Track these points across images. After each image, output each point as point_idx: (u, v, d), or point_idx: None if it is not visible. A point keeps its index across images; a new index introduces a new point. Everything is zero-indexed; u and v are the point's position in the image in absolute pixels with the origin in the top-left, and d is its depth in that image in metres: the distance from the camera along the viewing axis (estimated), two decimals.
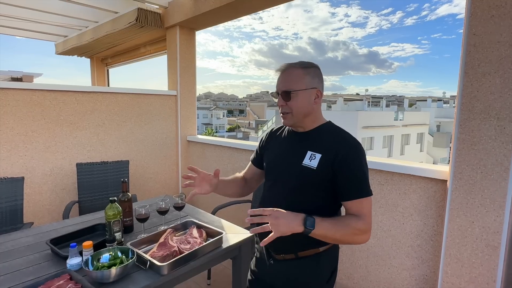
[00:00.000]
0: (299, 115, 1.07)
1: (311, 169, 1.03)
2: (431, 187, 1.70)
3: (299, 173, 1.05)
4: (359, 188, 1.01)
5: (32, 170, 2.48)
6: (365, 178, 1.02)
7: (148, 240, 1.46)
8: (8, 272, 1.25)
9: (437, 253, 1.70)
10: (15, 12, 3.40)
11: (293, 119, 1.08)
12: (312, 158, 1.04)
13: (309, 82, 1.05)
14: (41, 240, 1.53)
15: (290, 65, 1.08)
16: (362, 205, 1.01)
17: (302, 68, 1.06)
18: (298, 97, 1.05)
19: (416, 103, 40.93)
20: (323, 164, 1.02)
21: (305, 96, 1.05)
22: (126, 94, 3.02)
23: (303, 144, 1.10)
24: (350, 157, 1.01)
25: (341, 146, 1.03)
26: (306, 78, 1.05)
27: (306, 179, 1.04)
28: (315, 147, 1.06)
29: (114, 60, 5.18)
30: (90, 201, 2.53)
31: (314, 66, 1.09)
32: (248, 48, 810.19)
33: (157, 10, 3.31)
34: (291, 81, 1.05)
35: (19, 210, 2.06)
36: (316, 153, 1.04)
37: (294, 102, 1.05)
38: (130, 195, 1.64)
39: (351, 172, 1.01)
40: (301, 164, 1.05)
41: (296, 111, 1.06)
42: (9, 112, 2.35)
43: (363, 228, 1.00)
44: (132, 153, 3.10)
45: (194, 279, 2.38)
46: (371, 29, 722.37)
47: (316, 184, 1.04)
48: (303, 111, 1.07)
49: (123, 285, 1.15)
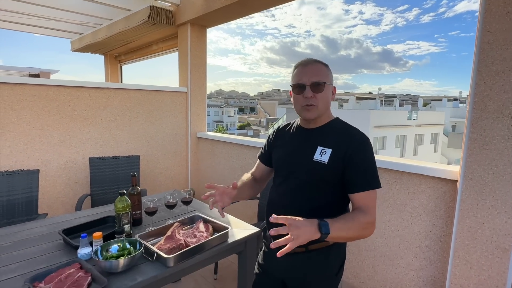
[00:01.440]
0: (323, 108, 1.09)
1: (322, 164, 1.04)
2: (441, 187, 1.67)
3: (311, 169, 1.06)
4: (367, 180, 1.03)
5: (47, 163, 2.56)
6: (373, 171, 1.04)
7: (156, 233, 1.49)
8: (22, 260, 1.30)
9: (446, 254, 1.68)
10: (33, 10, 3.50)
11: (318, 111, 1.08)
12: (323, 153, 1.05)
13: (331, 78, 1.11)
14: (54, 230, 1.58)
15: (315, 60, 1.12)
16: (369, 197, 1.03)
17: (324, 65, 1.11)
18: (326, 90, 1.08)
19: (431, 102, 39.99)
20: (333, 159, 1.03)
21: (329, 90, 1.10)
22: (138, 91, 3.08)
23: (313, 139, 1.11)
24: (359, 151, 1.03)
25: (350, 141, 1.05)
26: (329, 74, 1.11)
27: (317, 174, 1.05)
28: (325, 142, 1.07)
29: (127, 57, 5.27)
30: (102, 194, 2.60)
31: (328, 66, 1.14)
32: (260, 45, 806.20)
33: (169, 8, 3.35)
34: (320, 74, 1.08)
35: (34, 201, 2.13)
36: (327, 148, 1.06)
37: (324, 94, 1.07)
38: (139, 188, 1.67)
39: (359, 165, 1.03)
40: (312, 160, 1.06)
41: (321, 104, 1.08)
42: (26, 107, 2.43)
43: (370, 221, 1.01)
44: (143, 148, 3.16)
45: (201, 273, 2.42)
46: (385, 26, 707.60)
47: (327, 179, 1.05)
48: (326, 105, 1.10)
49: (130, 275, 1.19)
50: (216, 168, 3.38)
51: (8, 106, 2.34)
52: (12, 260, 1.30)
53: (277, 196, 1.17)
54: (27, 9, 3.45)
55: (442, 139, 23.77)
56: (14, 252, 1.37)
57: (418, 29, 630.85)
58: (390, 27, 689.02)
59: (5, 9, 3.42)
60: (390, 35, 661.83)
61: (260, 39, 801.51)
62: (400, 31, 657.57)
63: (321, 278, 1.11)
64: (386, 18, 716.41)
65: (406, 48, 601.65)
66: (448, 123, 26.74)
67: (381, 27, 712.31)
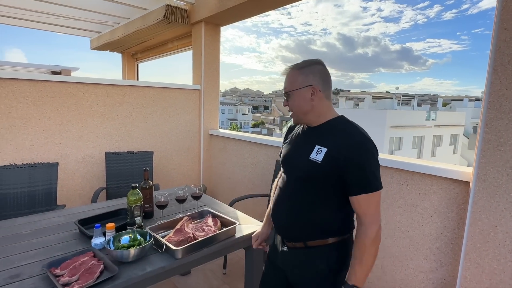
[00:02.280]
0: (299, 113, 1.13)
1: (316, 162, 1.05)
2: (453, 188, 1.64)
3: (306, 166, 1.08)
4: (365, 183, 1.01)
5: (66, 157, 2.67)
6: (373, 173, 1.02)
7: (166, 226, 1.54)
8: (41, 247, 1.38)
9: (457, 257, 1.64)
10: (56, 10, 3.65)
11: (296, 117, 1.15)
12: (319, 152, 1.06)
13: (302, 81, 1.09)
14: (70, 221, 1.66)
15: (288, 67, 1.14)
16: (368, 201, 1.02)
17: (296, 69, 1.11)
18: (294, 97, 1.11)
19: (451, 102, 38.70)
20: (327, 158, 1.03)
21: (300, 95, 1.09)
22: (152, 88, 3.15)
23: (312, 138, 1.12)
24: (355, 153, 1.01)
25: (348, 141, 1.03)
26: (299, 78, 1.09)
27: (312, 173, 1.07)
28: (322, 141, 1.08)
29: (143, 55, 5.39)
30: (116, 188, 2.69)
31: (313, 64, 1.11)
32: (275, 44, 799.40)
33: (184, 7, 3.41)
34: (288, 82, 1.12)
35: (53, 193, 2.23)
36: (323, 147, 1.06)
37: (292, 102, 1.12)
38: (151, 182, 1.73)
39: (356, 167, 1.01)
40: (308, 158, 1.08)
41: (296, 110, 1.12)
42: (47, 103, 2.54)
43: (372, 235, 1.03)
44: (157, 144, 3.24)
45: (210, 267, 2.47)
46: (405, 24, 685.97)
47: (320, 177, 1.06)
48: (302, 110, 1.11)
49: (140, 265, 1.23)
50: (228, 165, 3.42)
51: (30, 102, 2.46)
52: (31, 247, 1.38)
53: (279, 191, 1.21)
54: (50, 8, 3.59)
55: (462, 141, 22.97)
56: (34, 240, 1.45)
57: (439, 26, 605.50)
58: (409, 24, 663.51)
59: (30, 9, 3.57)
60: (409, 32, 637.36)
61: (276, 37, 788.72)
62: (420, 28, 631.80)
63: (319, 275, 1.12)
64: (405, 15, 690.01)
65: (426, 46, 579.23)
66: (469, 124, 25.81)
67: (400, 25, 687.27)
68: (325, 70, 1.12)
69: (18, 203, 2.10)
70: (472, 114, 26.90)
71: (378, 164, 1.05)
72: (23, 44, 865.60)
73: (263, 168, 2.93)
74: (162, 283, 2.23)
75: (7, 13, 3.75)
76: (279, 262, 1.24)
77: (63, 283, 1.08)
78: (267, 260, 1.33)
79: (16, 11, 3.63)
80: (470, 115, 26.59)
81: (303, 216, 1.11)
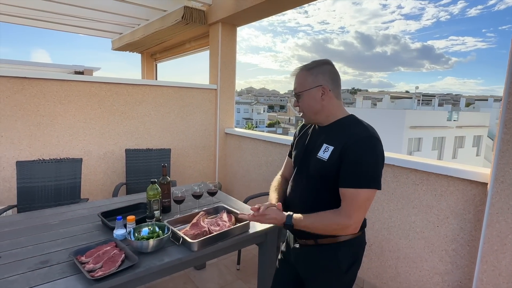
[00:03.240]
0: (309, 113, 1.16)
1: (323, 160, 1.08)
2: (470, 189, 1.61)
3: (314, 165, 1.11)
4: (355, 177, 1.01)
5: (89, 153, 2.81)
6: (365, 169, 1.01)
7: (183, 220, 1.60)
8: (67, 236, 1.47)
9: (473, 259, 1.62)
10: (79, 12, 3.82)
11: (306, 117, 1.18)
12: (326, 151, 1.08)
13: (312, 81, 1.11)
14: (93, 213, 1.76)
15: (297, 68, 1.16)
16: (354, 196, 1.01)
17: (306, 70, 1.13)
18: (304, 98, 1.13)
19: (475, 102, 37.20)
20: (333, 156, 1.06)
21: (310, 95, 1.12)
22: (170, 87, 3.25)
23: (321, 137, 1.15)
24: (354, 147, 1.02)
25: (349, 137, 1.04)
26: (309, 78, 1.11)
27: (318, 170, 1.10)
28: (330, 140, 1.10)
29: (162, 56, 5.53)
30: (135, 183, 2.79)
31: (322, 64, 1.13)
32: (292, 43, 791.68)
33: (201, 8, 3.48)
34: (297, 83, 1.15)
35: (78, 187, 2.35)
36: (330, 145, 1.08)
37: (302, 103, 1.15)
38: (169, 178, 1.80)
39: (349, 160, 1.02)
40: (316, 156, 1.11)
41: (306, 110, 1.16)
42: (72, 101, 2.67)
43: (343, 223, 1.03)
44: (174, 142, 3.33)
45: (224, 263, 2.53)
46: (426, 21, 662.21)
47: (326, 175, 1.08)
48: (312, 110, 1.14)
49: (158, 256, 1.30)
50: (243, 164, 3.47)
51: (57, 100, 2.60)
52: (59, 236, 1.48)
53: (290, 189, 1.25)
54: (73, 11, 3.76)
55: (486, 142, 22.06)
56: (61, 230, 1.54)
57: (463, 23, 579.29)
58: (431, 22, 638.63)
59: (55, 12, 3.75)
60: (431, 30, 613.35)
61: (292, 36, 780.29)
62: (442, 26, 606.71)
63: (329, 273, 1.14)
64: (427, 12, 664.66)
65: (449, 44, 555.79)
66: (493, 125, 24.68)
67: (421, 22, 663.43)
68: (334, 69, 1.14)
69: (46, 195, 2.23)
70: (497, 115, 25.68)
71: (378, 162, 1.03)
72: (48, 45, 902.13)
73: (277, 167, 2.95)
74: (178, 275, 2.31)
75: (34, 16, 3.96)
76: (291, 258, 1.26)
77: (88, 269, 1.15)
78: (280, 256, 1.37)
79: (42, 13, 3.83)
80: (495, 115, 25.46)
81: (310, 212, 1.13)
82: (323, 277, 1.16)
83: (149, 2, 3.46)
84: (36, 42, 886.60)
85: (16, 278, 1.12)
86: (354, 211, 1.02)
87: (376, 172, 1.02)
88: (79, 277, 1.14)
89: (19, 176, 2.15)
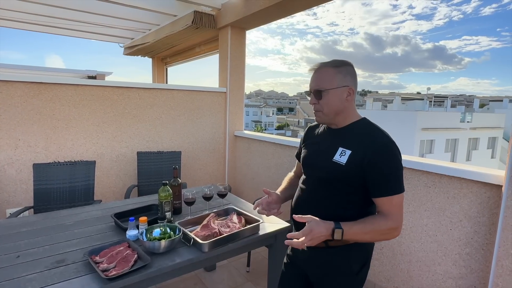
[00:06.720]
0: (330, 113, 1.11)
1: (340, 165, 1.07)
2: (484, 192, 1.58)
3: (330, 168, 1.10)
4: (388, 185, 1.03)
5: (102, 156, 2.87)
6: (395, 176, 1.04)
7: (193, 222, 1.62)
8: (82, 237, 1.51)
9: (488, 263, 1.58)
10: (91, 19, 3.92)
11: (324, 117, 1.13)
12: (342, 155, 1.07)
13: (340, 80, 1.08)
14: (107, 214, 1.80)
15: (322, 64, 1.12)
16: (393, 202, 1.03)
17: (333, 67, 1.09)
18: (329, 96, 1.09)
19: (489, 103, 36.32)
20: (351, 161, 1.05)
21: (337, 94, 1.08)
22: (181, 91, 3.30)
23: (335, 140, 1.13)
24: (379, 156, 1.03)
25: (370, 145, 1.04)
26: (337, 77, 1.08)
27: (335, 174, 1.08)
28: (346, 143, 1.09)
29: (172, 60, 5.62)
30: (147, 186, 2.84)
31: (347, 64, 1.11)
32: (300, 45, 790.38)
33: (211, 12, 3.53)
34: (322, 80, 1.09)
35: (91, 189, 2.41)
36: (347, 149, 1.07)
37: (325, 100, 1.09)
38: (179, 180, 1.82)
39: (382, 169, 1.03)
40: (332, 160, 1.09)
41: (327, 109, 1.10)
42: (85, 105, 2.75)
43: (392, 227, 1.03)
44: (185, 145, 3.37)
45: (234, 265, 2.54)
46: (438, 21, 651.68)
47: (344, 179, 1.07)
48: (334, 109, 1.10)
49: (170, 256, 1.32)
50: (252, 166, 3.49)
51: (71, 104, 2.67)
52: (73, 236, 1.52)
53: (301, 192, 1.23)
54: (86, 17, 3.87)
55: (502, 144, 21.48)
56: (75, 230, 1.59)
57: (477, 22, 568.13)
58: (444, 21, 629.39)
59: (68, 18, 3.87)
60: (443, 30, 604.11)
61: (300, 38, 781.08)
62: (455, 25, 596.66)
63: (340, 276, 1.14)
64: (439, 12, 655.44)
65: (462, 44, 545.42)
66: (509, 126, 24.05)
67: (433, 22, 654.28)
68: (355, 72, 1.14)
69: (61, 197, 2.29)
70: None
71: (401, 166, 1.06)
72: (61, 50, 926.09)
73: (287, 169, 2.94)
74: (189, 277, 2.33)
75: (48, 23, 4.08)
76: (300, 261, 1.25)
77: (102, 269, 1.18)
78: (286, 260, 1.35)
79: (55, 20, 3.95)
80: (511, 116, 24.80)
81: (324, 216, 1.12)
82: (335, 279, 1.15)
83: (160, 8, 3.53)
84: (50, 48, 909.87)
85: (33, 277, 1.16)
86: (397, 215, 1.04)
87: (402, 176, 1.06)
88: (93, 276, 1.17)
89: (36, 178, 2.21)
